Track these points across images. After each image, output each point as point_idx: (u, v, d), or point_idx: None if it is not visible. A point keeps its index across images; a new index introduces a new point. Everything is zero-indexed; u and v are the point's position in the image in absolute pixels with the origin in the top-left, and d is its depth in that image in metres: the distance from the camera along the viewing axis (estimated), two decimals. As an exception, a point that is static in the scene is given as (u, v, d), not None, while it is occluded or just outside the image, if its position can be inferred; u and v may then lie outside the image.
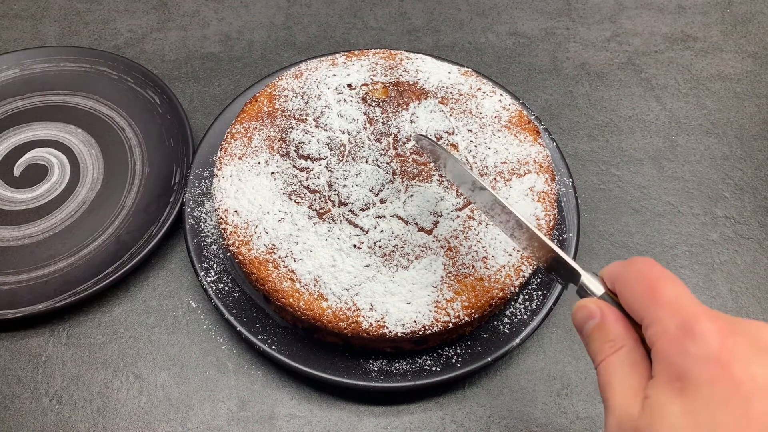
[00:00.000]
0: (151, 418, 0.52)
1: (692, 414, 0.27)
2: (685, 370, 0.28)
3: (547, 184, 0.55)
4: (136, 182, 0.65)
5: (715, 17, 0.85)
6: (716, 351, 0.27)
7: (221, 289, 0.54)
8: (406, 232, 0.51)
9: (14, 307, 0.55)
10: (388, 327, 0.48)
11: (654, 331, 0.30)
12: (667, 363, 0.29)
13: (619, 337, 0.32)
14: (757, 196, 0.67)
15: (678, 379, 0.28)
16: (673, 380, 0.28)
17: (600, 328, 0.33)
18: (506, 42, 0.81)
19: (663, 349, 0.29)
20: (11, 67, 0.73)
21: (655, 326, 0.30)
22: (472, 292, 0.49)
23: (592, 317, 0.34)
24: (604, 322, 0.33)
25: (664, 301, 0.30)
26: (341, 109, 0.59)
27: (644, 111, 0.74)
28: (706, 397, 0.27)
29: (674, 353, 0.28)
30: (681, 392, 0.27)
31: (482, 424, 0.52)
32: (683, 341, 0.28)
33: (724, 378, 0.27)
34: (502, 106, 0.60)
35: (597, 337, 0.33)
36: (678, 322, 0.29)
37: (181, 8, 0.84)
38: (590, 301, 0.35)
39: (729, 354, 0.27)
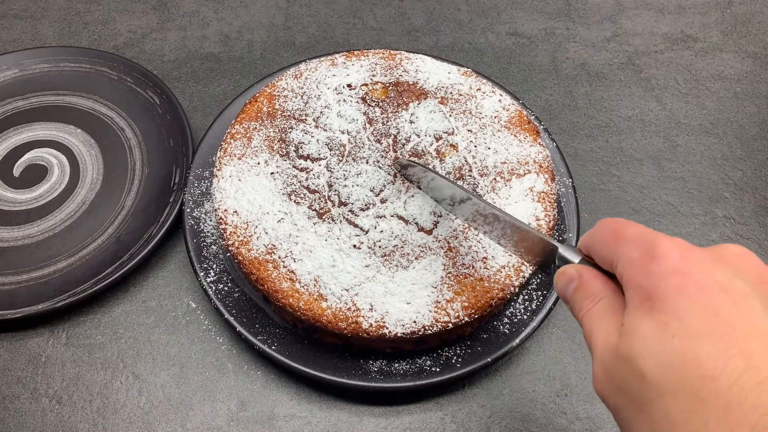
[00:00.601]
0: (150, 419, 0.52)
1: (663, 324, 0.28)
2: (652, 289, 0.29)
3: (546, 184, 0.55)
4: (136, 182, 0.65)
5: (715, 17, 0.85)
6: (677, 264, 0.29)
7: (221, 289, 0.54)
8: (406, 232, 0.51)
9: (14, 307, 0.55)
10: (387, 327, 0.48)
11: (621, 265, 0.31)
12: (635, 287, 0.30)
13: (597, 291, 0.33)
14: (757, 196, 0.67)
15: (647, 299, 0.29)
16: (643, 301, 0.29)
17: (579, 288, 0.34)
18: (506, 42, 0.81)
19: (630, 276, 0.30)
20: (11, 67, 0.73)
21: (622, 260, 0.31)
22: (471, 293, 0.49)
23: (571, 280, 0.35)
24: (583, 281, 0.34)
25: (628, 237, 0.32)
26: (341, 110, 0.59)
27: (644, 111, 0.74)
28: (673, 306, 0.28)
29: (640, 276, 0.30)
30: (651, 309, 0.29)
31: (482, 425, 0.52)
32: (647, 263, 0.30)
33: (688, 285, 0.28)
34: (502, 106, 0.60)
35: (578, 297, 0.34)
36: (639, 249, 0.30)
37: (181, 8, 0.83)
38: (568, 267, 0.36)
39: (690, 264, 0.29)
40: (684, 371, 0.26)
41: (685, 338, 0.27)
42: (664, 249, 0.30)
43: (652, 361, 0.27)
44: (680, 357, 0.27)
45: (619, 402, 0.29)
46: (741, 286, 0.28)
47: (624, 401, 0.29)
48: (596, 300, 0.33)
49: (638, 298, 0.29)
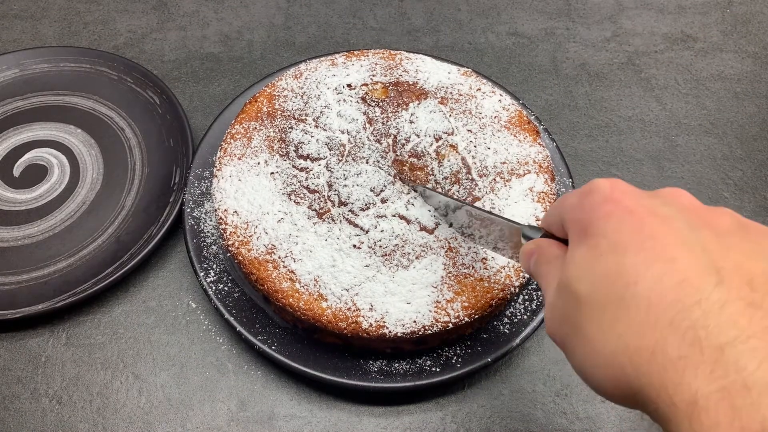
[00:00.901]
0: (150, 419, 0.52)
1: (594, 247, 0.29)
2: (586, 220, 0.30)
3: (546, 184, 0.55)
4: (136, 182, 0.65)
5: (715, 17, 0.85)
6: (609, 194, 0.30)
7: (221, 289, 0.54)
8: (407, 231, 0.51)
9: (14, 307, 0.55)
10: (387, 327, 0.48)
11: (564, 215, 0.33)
12: (573, 224, 0.32)
13: (555, 255, 0.34)
14: (757, 196, 0.67)
15: (582, 231, 0.30)
16: (580, 234, 0.30)
17: (538, 258, 0.36)
18: (506, 42, 0.81)
19: (569, 216, 0.32)
20: (11, 67, 0.73)
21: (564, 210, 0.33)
22: (472, 293, 0.49)
23: (532, 254, 0.37)
24: (541, 251, 0.36)
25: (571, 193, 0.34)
26: (341, 109, 0.59)
27: (644, 111, 0.74)
28: (604, 229, 0.29)
29: (576, 213, 0.31)
30: (584, 237, 0.30)
31: (482, 424, 0.52)
32: (582, 200, 0.31)
33: (617, 210, 0.29)
34: (502, 107, 0.60)
35: (538, 266, 0.36)
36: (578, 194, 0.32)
37: (181, 8, 0.83)
38: (528, 243, 0.38)
39: (620, 194, 0.30)
40: (610, 284, 0.27)
41: (613, 255, 0.28)
42: (598, 184, 0.31)
43: (584, 281, 0.29)
44: (607, 271, 0.28)
45: (563, 332, 0.30)
46: (668, 210, 0.29)
47: (566, 330, 0.30)
48: (553, 262, 0.34)
49: (576, 231, 0.31)
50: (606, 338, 0.27)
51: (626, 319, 0.26)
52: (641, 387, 0.26)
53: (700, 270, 0.26)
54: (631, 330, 0.26)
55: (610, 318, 0.27)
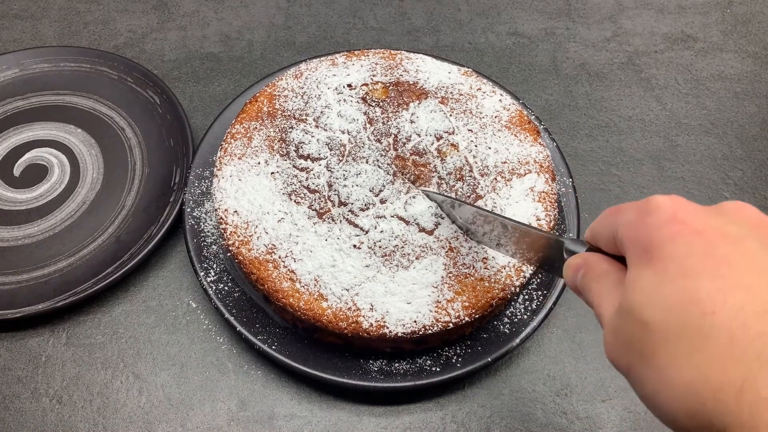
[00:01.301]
0: (151, 418, 0.52)
1: (662, 272, 0.28)
2: (648, 241, 0.29)
3: (547, 184, 0.55)
4: (136, 182, 0.65)
5: (715, 17, 0.85)
6: (672, 213, 0.29)
7: (221, 289, 0.54)
8: (406, 232, 0.51)
9: (14, 307, 0.55)
10: (388, 327, 0.48)
11: (621, 232, 0.32)
12: (633, 244, 0.30)
13: (604, 271, 0.33)
14: (757, 196, 0.67)
15: (645, 251, 0.29)
16: (641, 256, 0.29)
17: (586, 273, 0.35)
18: (506, 42, 0.81)
19: (627, 234, 0.31)
20: (11, 67, 0.73)
21: (621, 227, 0.32)
22: (472, 293, 0.49)
23: (578, 269, 0.35)
24: (589, 266, 0.35)
25: (624, 208, 0.33)
26: (341, 109, 0.59)
27: (644, 111, 0.74)
28: (669, 251, 0.28)
29: (636, 232, 0.30)
30: (649, 260, 0.28)
31: (482, 424, 0.52)
32: (643, 219, 0.30)
33: (684, 232, 0.28)
34: (503, 106, 0.60)
35: (586, 281, 0.34)
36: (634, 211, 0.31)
37: (181, 8, 0.83)
38: (573, 257, 0.36)
39: (685, 213, 0.29)
40: (684, 311, 0.26)
41: (683, 280, 0.27)
42: (658, 202, 0.30)
43: (653, 308, 0.27)
44: (680, 298, 0.26)
45: (629, 359, 0.29)
46: (737, 230, 0.28)
47: (632, 357, 0.29)
48: (604, 278, 0.33)
49: (637, 252, 0.30)
50: (682, 369, 0.26)
51: (706, 350, 0.25)
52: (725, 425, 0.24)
53: None
54: (711, 363, 0.25)
55: (686, 348, 0.26)
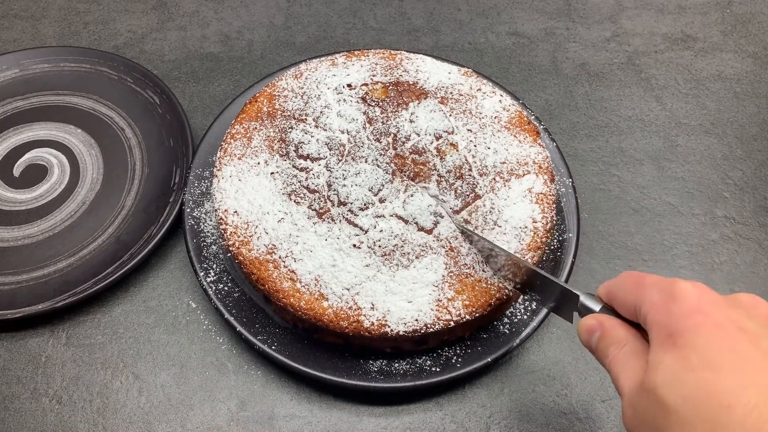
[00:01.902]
0: (151, 418, 0.52)
1: (684, 359, 0.30)
2: (673, 327, 0.31)
3: (545, 185, 0.55)
4: (136, 182, 0.65)
5: (715, 17, 0.85)
6: (696, 304, 0.31)
7: (221, 289, 0.54)
8: (405, 231, 0.51)
9: (14, 307, 0.55)
10: (389, 326, 0.48)
11: (644, 308, 0.34)
12: (658, 327, 0.32)
13: (621, 337, 0.36)
14: (757, 196, 0.67)
15: (669, 336, 0.31)
16: (665, 340, 0.31)
17: (603, 337, 0.37)
18: (506, 42, 0.81)
19: (653, 316, 0.33)
20: (11, 67, 0.73)
21: (645, 304, 0.34)
22: (472, 292, 0.49)
23: (594, 331, 0.37)
24: (605, 330, 0.37)
25: (649, 284, 0.35)
26: (341, 109, 0.59)
27: (644, 111, 0.74)
28: (693, 341, 0.30)
29: (662, 316, 0.32)
30: (673, 345, 0.31)
31: (482, 424, 0.52)
32: (668, 304, 0.32)
33: (707, 323, 0.30)
34: (502, 107, 0.60)
35: (603, 345, 0.37)
36: (659, 292, 0.33)
37: (181, 8, 0.83)
38: (588, 318, 0.38)
39: (707, 305, 0.31)
40: (703, 401, 0.28)
41: (705, 371, 0.29)
42: (684, 291, 0.32)
43: (674, 392, 0.29)
44: (700, 388, 0.29)
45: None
46: (754, 326, 0.30)
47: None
48: (621, 346, 0.35)
49: (661, 335, 0.32)
50: None
51: None
52: None
53: None
54: None
55: None
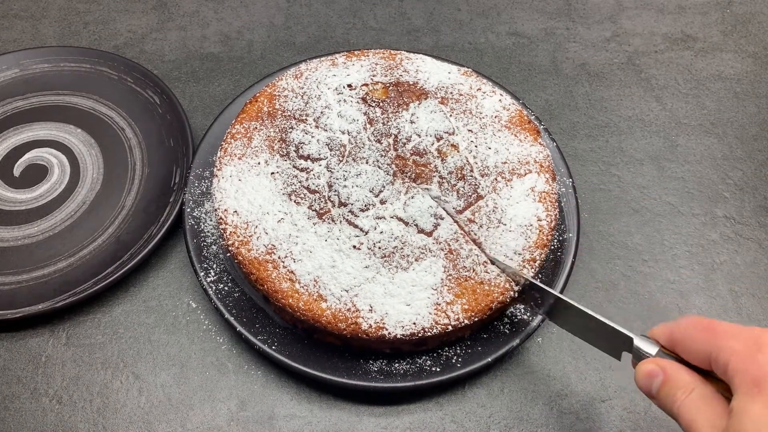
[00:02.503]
0: (151, 418, 0.52)
1: None
2: (760, 376, 0.32)
3: (548, 184, 0.55)
4: (136, 182, 0.65)
5: (715, 17, 0.85)
6: None
7: (221, 289, 0.54)
8: (405, 233, 0.51)
9: (14, 307, 0.55)
10: (387, 329, 0.48)
11: (724, 357, 0.34)
12: (743, 375, 0.33)
13: (688, 383, 0.36)
14: (757, 196, 0.67)
15: (755, 385, 0.32)
16: (752, 387, 0.32)
17: (666, 382, 0.37)
18: (506, 42, 0.81)
19: (737, 365, 0.33)
20: (11, 67, 0.73)
21: (723, 352, 0.34)
22: (472, 296, 0.49)
23: (655, 376, 0.37)
24: (668, 376, 0.37)
25: (724, 332, 0.35)
26: (341, 110, 0.59)
27: (644, 111, 0.74)
28: None
29: (748, 365, 0.33)
30: (760, 393, 0.31)
31: (482, 424, 0.52)
32: (754, 354, 0.33)
33: None
34: (502, 106, 0.60)
35: (666, 391, 0.36)
36: (743, 342, 0.34)
37: (181, 8, 0.83)
38: (648, 362, 0.38)
39: None
40: None
41: None
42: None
43: None
44: None
45: None
46: None
47: None
48: (688, 391, 0.35)
49: (747, 384, 0.32)
50: None
51: None
52: None
53: None
54: None
55: None
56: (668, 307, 0.59)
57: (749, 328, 0.34)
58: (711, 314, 0.59)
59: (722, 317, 0.58)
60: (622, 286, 0.60)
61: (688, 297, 0.60)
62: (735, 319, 0.58)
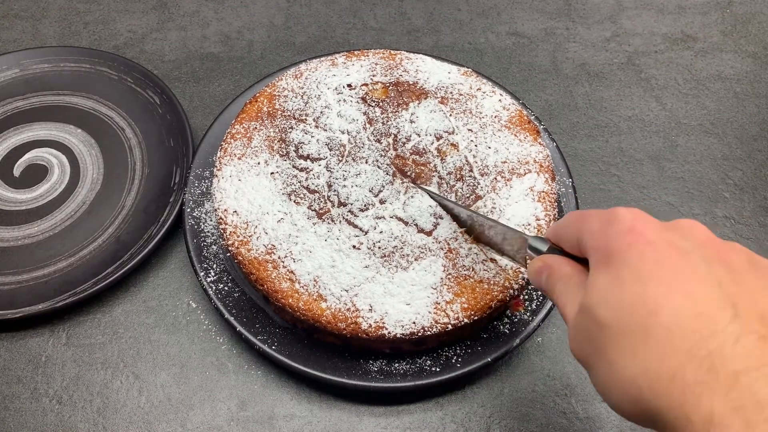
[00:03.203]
0: (151, 418, 0.52)
1: (617, 277, 0.31)
2: (608, 248, 0.32)
3: (547, 183, 0.55)
4: (136, 182, 0.65)
5: (715, 17, 0.85)
6: (631, 225, 0.32)
7: (221, 289, 0.54)
8: (405, 233, 0.51)
9: (14, 307, 0.55)
10: (387, 328, 0.48)
11: (585, 237, 0.35)
12: (595, 250, 0.33)
13: (567, 273, 0.36)
14: (757, 196, 0.67)
15: (604, 258, 0.32)
16: (601, 261, 0.32)
17: (550, 275, 0.38)
18: (506, 42, 0.81)
19: (591, 243, 0.34)
20: (11, 67, 0.73)
21: (585, 233, 0.35)
22: (471, 294, 0.49)
23: (542, 272, 0.38)
24: (552, 269, 0.38)
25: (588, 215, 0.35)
26: (341, 110, 0.59)
27: (644, 111, 0.74)
28: (626, 260, 0.31)
29: (598, 239, 0.33)
30: (607, 266, 0.32)
31: (482, 424, 0.52)
32: (605, 228, 0.33)
33: (640, 242, 0.31)
34: (502, 106, 0.60)
35: (550, 283, 0.37)
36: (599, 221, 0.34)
37: (181, 8, 0.83)
38: (536, 260, 0.40)
39: (642, 225, 0.32)
40: (632, 312, 0.29)
41: (634, 284, 0.30)
42: (621, 215, 0.33)
43: (607, 308, 0.31)
44: (629, 300, 0.30)
45: (587, 354, 0.32)
46: (686, 245, 0.31)
47: (589, 351, 0.32)
48: (567, 280, 0.36)
49: (597, 258, 0.33)
50: (627, 363, 0.29)
51: (647, 346, 0.28)
52: (659, 409, 0.28)
53: (716, 304, 0.28)
54: (651, 357, 0.28)
55: (631, 344, 0.29)
56: (668, 307, 0.59)
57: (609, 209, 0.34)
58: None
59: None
60: (622, 286, 0.60)
61: (688, 297, 0.60)
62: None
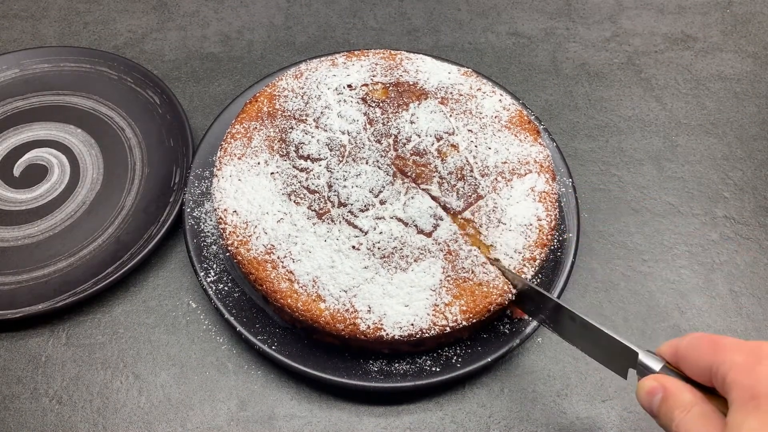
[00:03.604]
0: (151, 418, 0.52)
1: None
2: (757, 390, 0.31)
3: (548, 183, 0.55)
4: (136, 182, 0.65)
5: (715, 17, 0.85)
6: None
7: (221, 289, 0.54)
8: (405, 234, 0.51)
9: (14, 307, 0.55)
10: (385, 329, 0.48)
11: (723, 370, 0.33)
12: (740, 388, 0.32)
13: (687, 401, 0.35)
14: (757, 196, 0.67)
15: (752, 399, 0.31)
16: (748, 401, 0.31)
17: (666, 399, 0.35)
18: (506, 42, 0.81)
19: (734, 378, 0.32)
20: (11, 67, 0.73)
21: (724, 365, 0.33)
22: (470, 297, 0.49)
23: (655, 393, 0.36)
24: (669, 392, 0.35)
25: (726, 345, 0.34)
26: (341, 110, 0.59)
27: (644, 111, 0.74)
28: None
29: (745, 378, 0.32)
30: (756, 408, 0.30)
31: (482, 424, 0.52)
32: (752, 366, 0.32)
33: None
34: (502, 106, 0.60)
35: (667, 407, 0.35)
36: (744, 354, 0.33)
37: (181, 8, 0.83)
38: (650, 379, 0.37)
39: None
40: None
41: None
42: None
43: None
44: None
45: None
46: None
47: None
48: (687, 409, 0.34)
49: (743, 397, 0.31)
50: None
51: None
52: None
53: None
54: None
55: None
56: (668, 307, 0.59)
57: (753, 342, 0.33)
58: (711, 314, 0.59)
59: (722, 317, 0.59)
60: (622, 286, 0.60)
61: (688, 297, 0.60)
62: (735, 319, 0.59)
